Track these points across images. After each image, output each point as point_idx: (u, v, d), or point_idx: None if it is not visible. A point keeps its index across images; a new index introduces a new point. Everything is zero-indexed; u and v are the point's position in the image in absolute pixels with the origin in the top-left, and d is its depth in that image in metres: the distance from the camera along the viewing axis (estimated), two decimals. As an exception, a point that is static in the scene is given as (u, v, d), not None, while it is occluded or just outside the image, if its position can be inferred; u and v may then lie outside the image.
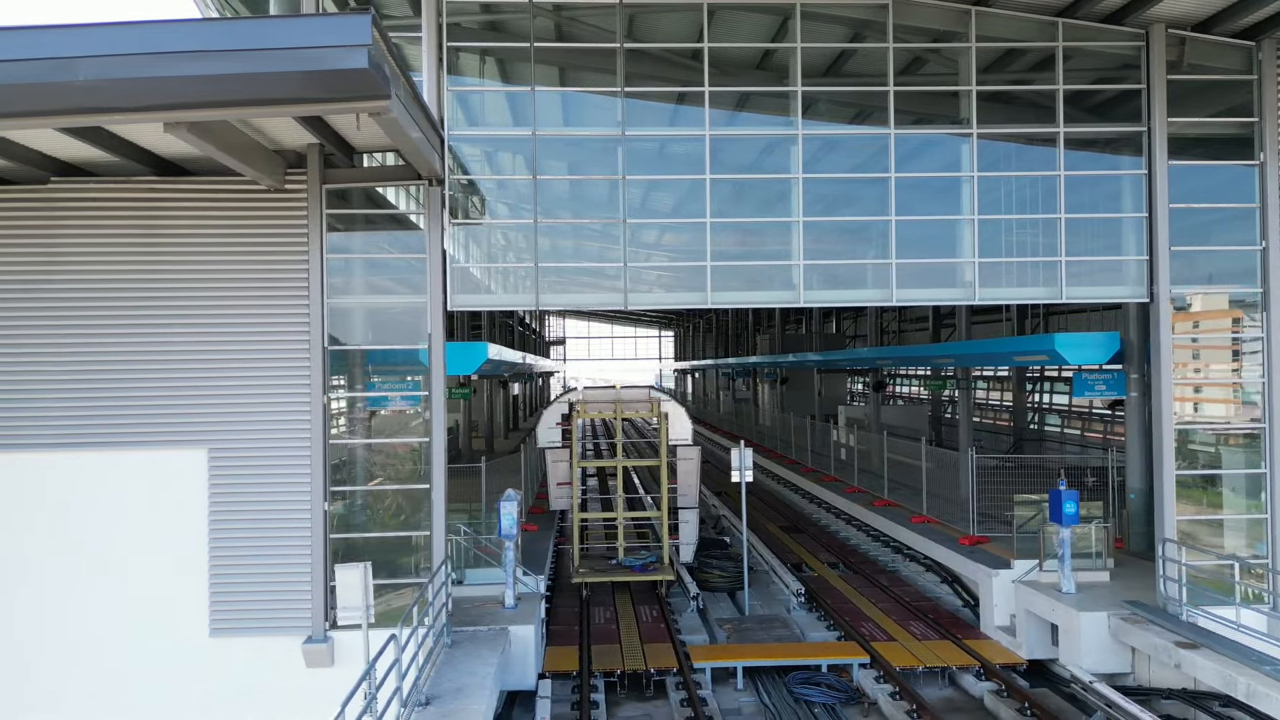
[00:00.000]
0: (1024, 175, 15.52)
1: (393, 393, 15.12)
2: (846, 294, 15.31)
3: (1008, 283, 15.51)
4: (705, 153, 14.86)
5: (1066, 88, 15.29)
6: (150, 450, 13.93)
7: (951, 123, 16.13)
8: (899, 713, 14.91)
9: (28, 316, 13.78)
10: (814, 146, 15.91)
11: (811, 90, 15.13)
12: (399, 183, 14.54)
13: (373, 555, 14.47)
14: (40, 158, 13.25)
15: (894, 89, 14.94)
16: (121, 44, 8.93)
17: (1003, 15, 15.18)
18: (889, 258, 14.86)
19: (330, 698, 13.88)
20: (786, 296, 15.00)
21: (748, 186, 15.55)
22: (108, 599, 13.86)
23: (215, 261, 14.02)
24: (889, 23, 14.97)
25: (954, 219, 15.28)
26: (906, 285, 14.97)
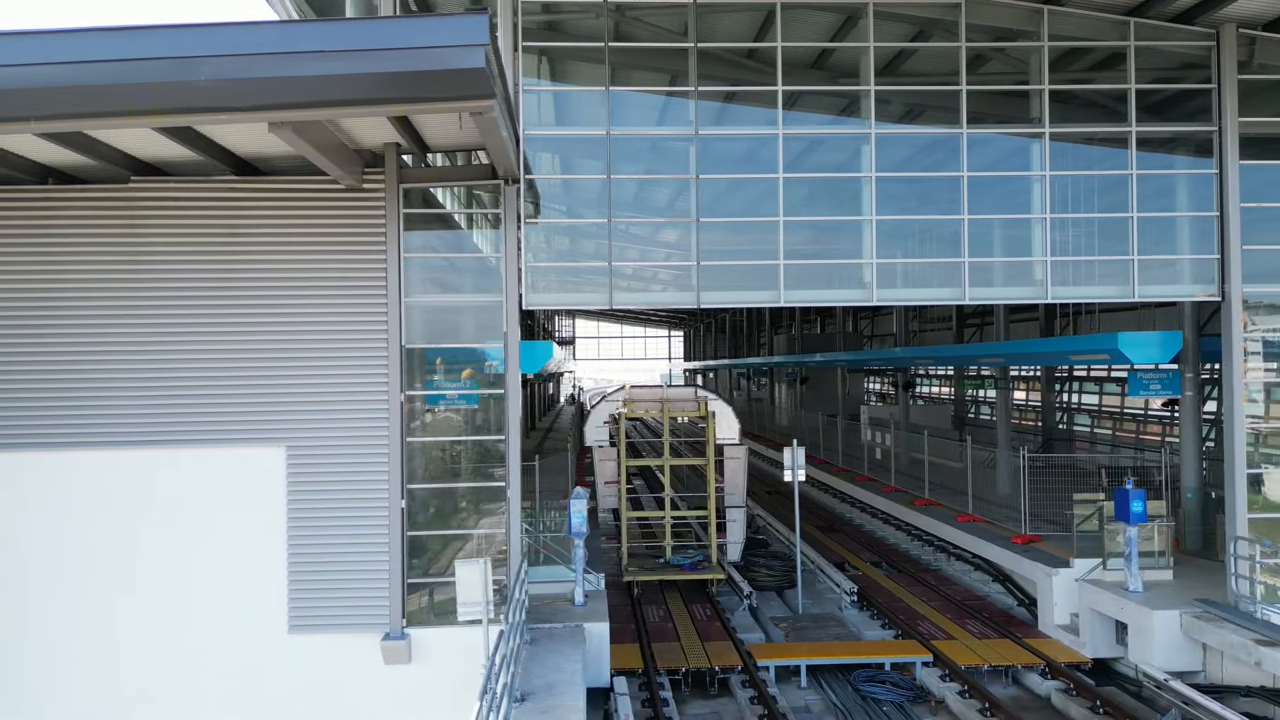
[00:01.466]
0: (1097, 175, 15.52)
1: (469, 391, 15.17)
2: (919, 292, 15.35)
3: (1076, 281, 15.51)
4: (779, 152, 14.91)
5: (1138, 87, 15.29)
6: (229, 448, 13.99)
7: (1005, 121, 16.13)
8: (970, 711, 14.94)
9: (112, 314, 13.83)
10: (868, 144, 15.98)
11: (885, 89, 15.13)
12: (474, 182, 14.58)
13: (448, 553, 14.57)
14: (123, 157, 13.31)
15: (966, 88, 14.96)
16: (247, 43, 8.98)
17: (1074, 14, 15.21)
18: (960, 256, 14.88)
19: (407, 695, 14.05)
20: (858, 295, 15.04)
21: (817, 185, 15.56)
22: (188, 596, 13.91)
23: (293, 260, 14.07)
24: (961, 21, 15.01)
25: (1024, 218, 15.28)
26: (978, 284, 14.99)
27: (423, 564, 14.66)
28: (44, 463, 13.81)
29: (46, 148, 12.55)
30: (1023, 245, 15.97)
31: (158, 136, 12.19)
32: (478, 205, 17.05)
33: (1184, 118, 16.90)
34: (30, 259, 13.80)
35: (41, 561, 13.74)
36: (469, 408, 15.01)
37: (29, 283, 13.79)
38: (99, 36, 8.94)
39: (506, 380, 14.42)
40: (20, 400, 13.75)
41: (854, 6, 15.41)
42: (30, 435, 13.75)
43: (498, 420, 14.73)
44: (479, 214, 15.12)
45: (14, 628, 13.69)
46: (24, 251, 13.80)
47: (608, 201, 14.73)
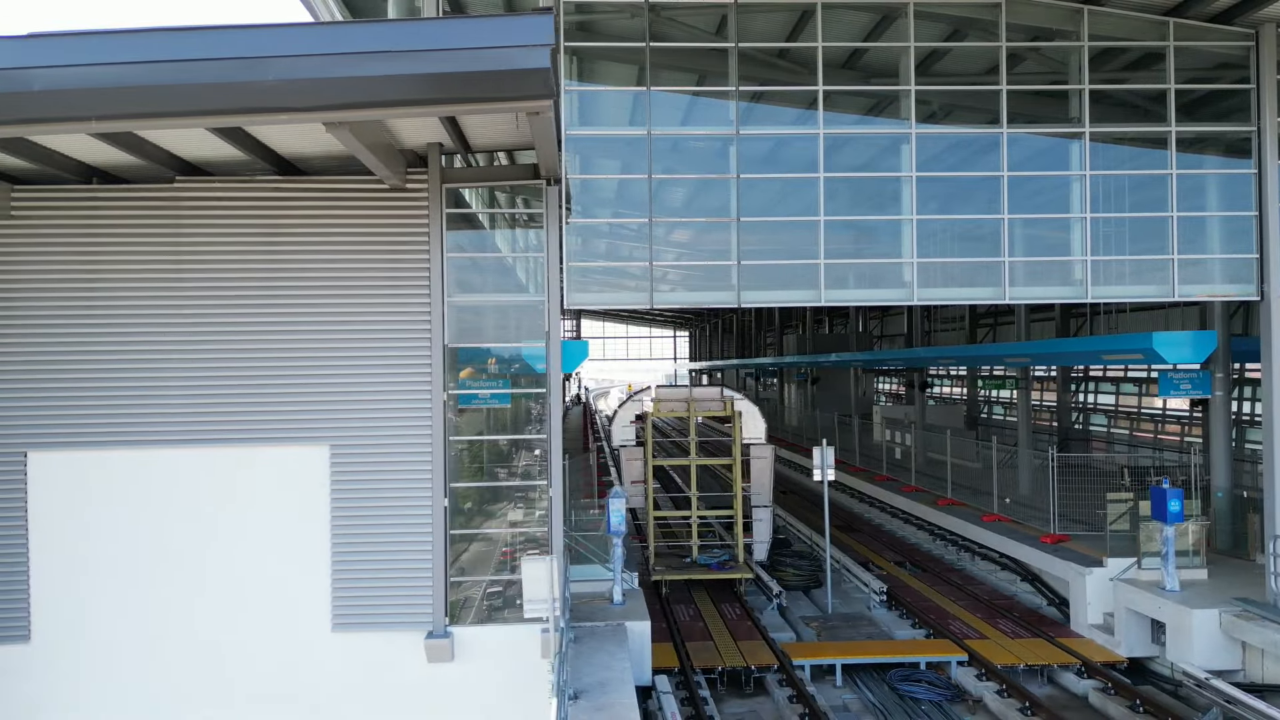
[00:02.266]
0: (1138, 174, 15.55)
1: (501, 390, 15.20)
2: (959, 291, 15.38)
3: (1111, 281, 15.54)
4: (819, 152, 14.93)
5: (1178, 87, 15.31)
6: (273, 447, 14.00)
7: (1035, 121, 16.12)
8: (1010, 710, 14.97)
9: (156, 314, 13.85)
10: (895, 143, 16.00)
11: (925, 89, 15.16)
12: (516, 181, 14.60)
13: (489, 551, 14.61)
14: (167, 157, 13.32)
15: (1006, 88, 14.99)
16: (315, 44, 9.02)
17: (1113, 14, 15.23)
18: (1000, 255, 14.91)
19: (450, 693, 14.07)
20: (899, 294, 15.06)
21: (849, 185, 15.58)
22: (233, 594, 13.92)
23: (336, 259, 14.09)
24: (1001, 21, 15.03)
25: (1064, 217, 15.31)
26: (1018, 283, 15.01)
27: (465, 562, 14.69)
28: (89, 461, 13.83)
29: (94, 148, 12.58)
30: (1059, 245, 16.02)
31: (206, 136, 12.22)
32: (511, 205, 17.09)
33: (1214, 117, 16.95)
34: (76, 258, 13.82)
35: (89, 560, 13.77)
36: (510, 405, 15.06)
37: (74, 282, 13.81)
38: (167, 37, 8.98)
39: (549, 379, 14.44)
40: (65, 399, 13.76)
41: (892, 6, 15.43)
42: (74, 434, 13.77)
43: (537, 418, 14.77)
44: (517, 214, 15.11)
45: (67, 626, 13.72)
46: (70, 251, 13.81)
47: (648, 201, 14.77)
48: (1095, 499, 22.13)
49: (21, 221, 13.77)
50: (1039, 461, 27.38)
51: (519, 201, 16.37)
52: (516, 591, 14.83)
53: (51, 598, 13.77)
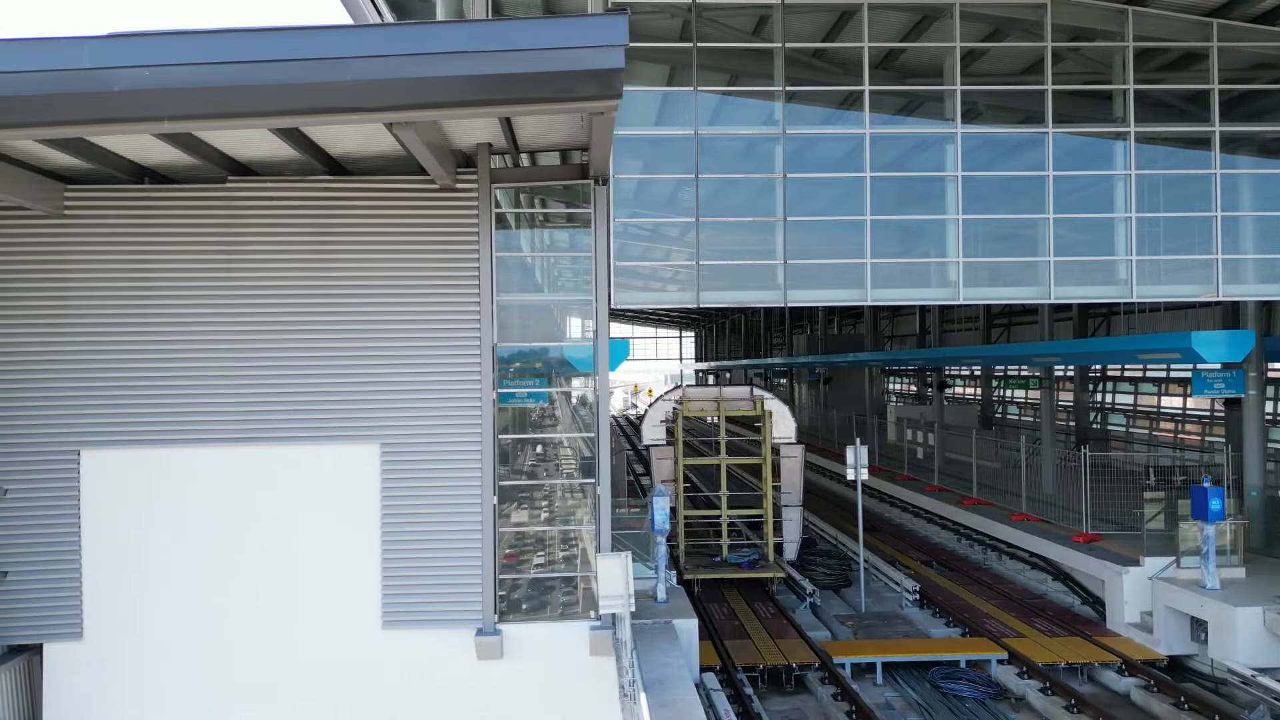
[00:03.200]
0: (1182, 174, 15.62)
1: (539, 390, 15.28)
2: (1003, 291, 15.45)
3: (1155, 280, 15.60)
4: (865, 151, 15.00)
5: (1221, 87, 15.37)
6: (324, 445, 14.06)
7: (1068, 120, 16.14)
8: (1055, 708, 15.03)
9: (209, 313, 13.91)
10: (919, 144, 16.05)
11: (970, 89, 15.23)
12: (564, 181, 14.66)
13: (538, 549, 14.70)
14: (220, 156, 13.40)
15: (1051, 88, 15.05)
16: (392, 44, 9.07)
17: (1157, 15, 15.30)
18: (1044, 255, 14.97)
19: (500, 690, 14.15)
20: (944, 294, 15.14)
21: (895, 185, 15.65)
22: (284, 591, 14.00)
23: (386, 258, 14.15)
24: (1047, 22, 15.10)
25: (1108, 217, 15.38)
26: (1062, 283, 15.07)
27: (514, 560, 14.77)
28: (141, 460, 13.89)
29: (148, 147, 12.66)
30: (1092, 244, 16.05)
31: (263, 137, 12.30)
32: (544, 205, 17.17)
33: (1245, 117, 17.03)
34: (128, 257, 13.88)
35: (141, 557, 13.84)
36: (537, 405, 15.17)
37: (127, 281, 13.87)
38: (248, 37, 9.04)
39: (597, 378, 14.51)
40: (117, 398, 13.83)
41: (936, 6, 15.49)
42: (127, 433, 13.84)
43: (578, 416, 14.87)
44: (559, 213, 15.18)
45: (119, 623, 13.79)
46: (122, 250, 13.88)
47: (694, 201, 14.80)
48: (1124, 498, 22.25)
49: (74, 220, 13.84)
50: (1070, 463, 27.55)
51: (541, 202, 16.46)
52: (557, 589, 14.98)
53: (104, 595, 13.84)
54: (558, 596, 14.83)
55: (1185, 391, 33.37)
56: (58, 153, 12.19)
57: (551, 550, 15.06)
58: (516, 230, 16.70)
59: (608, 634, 14.18)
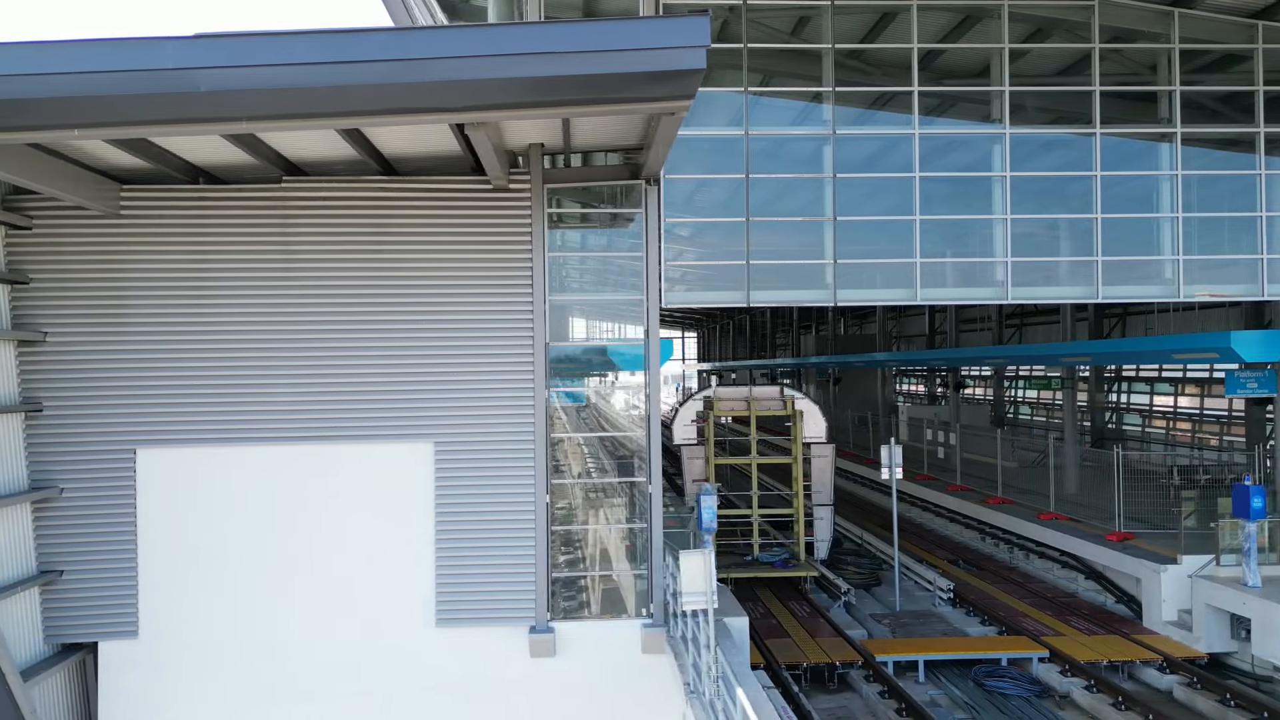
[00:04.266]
0: (1227, 174, 15.72)
1: (576, 389, 15.37)
2: (1051, 290, 15.54)
3: (1197, 280, 15.69)
4: (914, 151, 15.09)
5: (1266, 89, 15.47)
6: (379, 444, 14.12)
7: (1109, 122, 16.24)
8: (1102, 705, 15.13)
9: (264, 313, 13.97)
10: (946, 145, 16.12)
11: (1018, 90, 15.32)
12: (614, 182, 14.72)
13: (589, 547, 14.77)
14: (276, 156, 13.46)
15: (1099, 89, 15.14)
16: (477, 45, 9.13)
17: (1201, 16, 15.39)
18: (1092, 255, 15.06)
19: (553, 687, 14.21)
20: (991, 293, 15.23)
21: (935, 185, 15.72)
22: (339, 589, 14.05)
23: (440, 258, 14.21)
24: (1094, 23, 15.19)
25: (1153, 217, 15.48)
26: (1109, 283, 15.17)
27: (567, 558, 14.85)
28: (196, 458, 13.95)
29: (209, 148, 12.72)
30: (1137, 243, 16.12)
31: (323, 137, 12.38)
32: (602, 204, 17.16)
33: (1276, 119, 17.12)
34: (184, 257, 13.93)
35: (196, 556, 13.89)
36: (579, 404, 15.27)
37: (182, 280, 13.92)
38: (329, 39, 9.10)
39: (648, 376, 14.58)
40: (173, 397, 13.88)
41: (981, 8, 15.58)
42: (182, 432, 13.89)
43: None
44: (608, 213, 15.24)
45: (174, 621, 13.83)
46: (178, 250, 13.93)
47: (744, 201, 14.88)
48: (1152, 498, 22.39)
49: (130, 220, 13.90)
50: (1087, 463, 27.68)
51: (584, 203, 16.44)
52: (608, 587, 15.06)
53: (159, 593, 13.89)
54: (610, 594, 14.90)
55: (1203, 391, 33.52)
56: (120, 152, 12.25)
57: (603, 548, 15.12)
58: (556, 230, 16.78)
59: (660, 632, 14.26)
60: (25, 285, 13.70)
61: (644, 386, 14.66)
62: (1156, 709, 14.79)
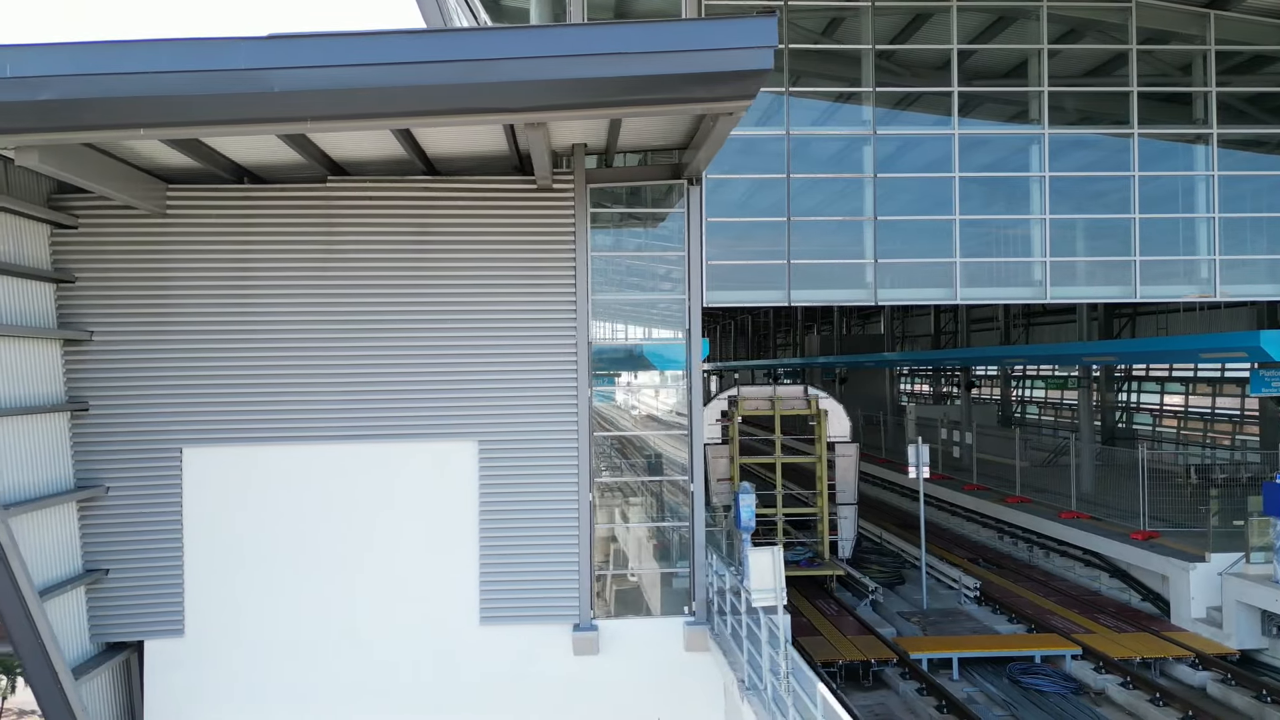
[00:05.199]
0: (1262, 175, 15.86)
1: (604, 388, 15.46)
2: (1089, 290, 15.65)
3: (1234, 280, 15.81)
4: (954, 151, 15.18)
5: (1300, 90, 15.63)
6: (423, 442, 14.19)
7: (1123, 123, 16.42)
8: (1139, 701, 15.23)
9: (309, 312, 14.03)
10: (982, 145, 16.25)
11: (1057, 90, 15.44)
12: (656, 181, 14.79)
13: (632, 546, 14.85)
14: (322, 155, 13.51)
15: (1136, 89, 15.26)
16: (545, 46, 9.21)
17: (1237, 18, 15.52)
18: (1126, 254, 15.18)
19: (596, 685, 14.28)
20: (1029, 293, 15.34)
21: (979, 185, 15.84)
22: (382, 587, 14.11)
23: (484, 257, 14.29)
24: (1131, 24, 15.34)
25: (1190, 217, 15.61)
26: (1147, 283, 15.30)
27: (610, 556, 14.93)
28: (242, 457, 14.01)
29: (258, 147, 12.77)
30: (1166, 243, 16.24)
31: (372, 136, 12.45)
32: (641, 204, 17.23)
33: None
34: (229, 256, 13.99)
35: (241, 554, 13.95)
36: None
37: (228, 279, 13.98)
38: (404, 39, 9.16)
39: (690, 375, 14.65)
40: (219, 396, 13.93)
41: (1018, 9, 15.69)
42: (228, 430, 13.95)
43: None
44: (649, 213, 15.32)
45: (220, 619, 13.88)
46: (223, 249, 13.98)
47: (786, 201, 14.98)
48: (1173, 496, 22.54)
49: (176, 219, 13.94)
50: (1098, 461, 27.83)
51: (625, 202, 16.51)
52: (650, 585, 15.13)
53: (205, 592, 13.94)
54: (652, 592, 14.98)
55: (1214, 391, 33.72)
56: (170, 151, 12.30)
57: (644, 546, 15.20)
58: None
59: (702, 629, 14.34)
60: (71, 284, 13.74)
61: (686, 386, 14.73)
62: (1196, 705, 14.89)
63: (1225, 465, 27.35)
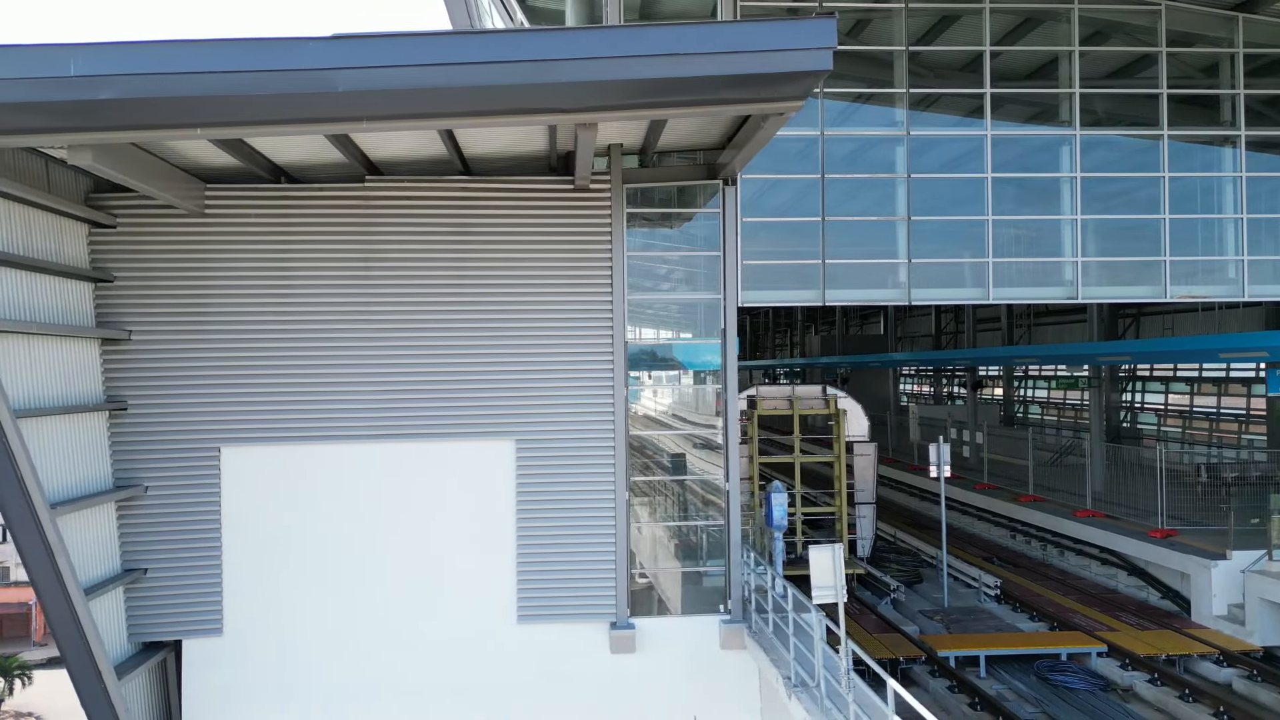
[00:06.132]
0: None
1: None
2: (1120, 290, 15.76)
3: (1266, 280, 15.95)
4: (986, 151, 15.29)
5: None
6: (459, 441, 14.23)
7: (1139, 124, 16.50)
8: (1168, 698, 15.36)
9: (347, 311, 14.05)
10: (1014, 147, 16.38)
11: (1088, 92, 15.57)
12: (692, 182, 14.85)
13: (669, 544, 14.92)
14: (360, 155, 13.53)
15: (1166, 91, 15.40)
16: (609, 47, 9.27)
17: (1265, 21, 15.66)
18: (1161, 255, 15.31)
19: (633, 683, 14.33)
20: (1061, 293, 15.45)
21: (1014, 186, 15.95)
22: (420, 586, 14.16)
23: (521, 257, 14.33)
24: (1161, 27, 15.47)
25: (1219, 218, 15.76)
26: (1177, 283, 15.43)
27: (644, 554, 14.99)
28: (280, 456, 14.02)
29: (297, 147, 12.79)
30: (1187, 243, 16.35)
31: (415, 137, 12.49)
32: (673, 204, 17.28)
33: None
34: (267, 255, 14.02)
35: (279, 553, 13.97)
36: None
37: (266, 278, 14.00)
38: (469, 40, 9.22)
39: (725, 374, 14.72)
40: (257, 395, 13.96)
41: (1048, 11, 15.82)
42: (266, 430, 13.96)
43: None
44: (684, 212, 15.38)
45: (257, 618, 13.90)
46: (262, 248, 14.01)
47: (820, 200, 15.06)
48: (1187, 494, 22.76)
49: (214, 219, 13.94)
50: (1112, 461, 28.03)
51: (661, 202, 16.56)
52: (685, 584, 15.20)
53: (243, 591, 13.96)
54: (688, 591, 15.05)
55: (1220, 390, 33.97)
56: (213, 150, 12.30)
57: (679, 545, 15.26)
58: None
59: (739, 628, 14.41)
60: (110, 284, 13.72)
61: (721, 385, 14.80)
62: (1226, 701, 15.02)
63: (1240, 465, 27.59)
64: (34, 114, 9.43)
